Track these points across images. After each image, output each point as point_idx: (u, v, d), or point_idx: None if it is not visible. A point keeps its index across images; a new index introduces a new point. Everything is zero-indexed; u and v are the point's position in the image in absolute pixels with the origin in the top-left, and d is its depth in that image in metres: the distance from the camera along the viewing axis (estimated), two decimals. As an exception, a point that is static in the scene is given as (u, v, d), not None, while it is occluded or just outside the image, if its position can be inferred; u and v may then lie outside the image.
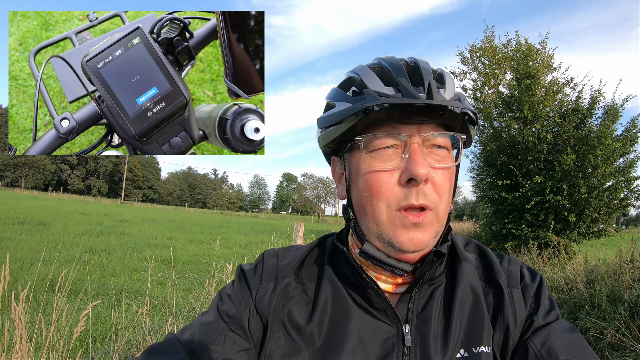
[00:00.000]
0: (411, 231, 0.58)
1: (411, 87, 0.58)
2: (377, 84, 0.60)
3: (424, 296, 0.64)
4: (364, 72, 0.63)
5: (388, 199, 0.59)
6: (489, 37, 10.05)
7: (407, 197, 0.58)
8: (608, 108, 8.32)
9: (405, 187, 0.58)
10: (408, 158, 0.58)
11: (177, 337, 0.64)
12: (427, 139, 0.60)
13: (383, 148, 0.60)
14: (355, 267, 0.63)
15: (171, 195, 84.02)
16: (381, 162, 0.59)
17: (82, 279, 5.05)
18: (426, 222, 0.59)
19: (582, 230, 8.56)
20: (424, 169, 0.56)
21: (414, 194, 0.58)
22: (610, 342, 3.42)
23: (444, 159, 0.61)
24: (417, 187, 0.58)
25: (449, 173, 0.62)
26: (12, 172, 59.68)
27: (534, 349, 0.59)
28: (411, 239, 0.58)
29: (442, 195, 0.60)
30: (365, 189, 0.61)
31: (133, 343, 2.80)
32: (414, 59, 0.64)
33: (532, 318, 0.63)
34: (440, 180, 0.60)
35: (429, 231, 0.60)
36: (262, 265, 0.71)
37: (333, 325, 0.62)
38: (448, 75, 0.64)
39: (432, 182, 0.59)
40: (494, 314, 0.64)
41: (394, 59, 0.64)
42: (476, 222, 15.58)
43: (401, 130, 0.59)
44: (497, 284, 0.66)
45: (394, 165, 0.59)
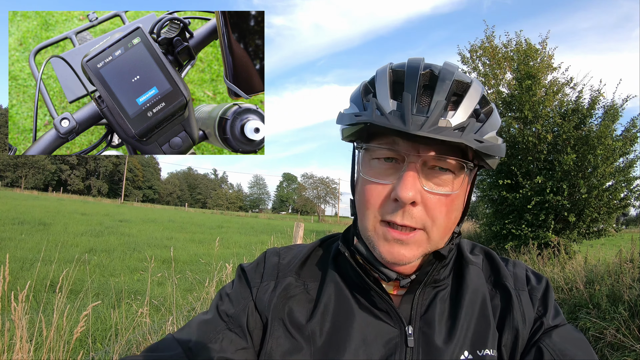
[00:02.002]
0: (393, 245, 0.58)
1: (411, 106, 0.54)
2: (383, 95, 0.58)
3: (427, 298, 0.64)
4: (380, 76, 0.61)
5: (375, 211, 0.59)
6: (490, 36, 10.06)
7: (393, 213, 0.57)
8: (608, 108, 8.33)
9: (394, 203, 0.57)
10: (400, 178, 0.56)
11: (174, 336, 0.63)
12: (430, 160, 0.57)
13: (382, 159, 0.59)
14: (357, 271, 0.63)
15: (171, 195, 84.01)
16: (377, 173, 0.59)
17: (82, 279, 5.05)
18: (413, 241, 0.58)
19: (582, 230, 8.57)
20: (410, 192, 0.54)
21: (400, 213, 0.56)
22: (610, 342, 3.43)
23: (444, 183, 0.58)
24: (404, 208, 0.56)
25: (450, 198, 0.58)
26: (12, 172, 59.69)
27: (548, 349, 0.59)
28: (391, 252, 0.58)
29: (435, 218, 0.57)
30: (360, 194, 0.61)
31: (133, 343, 2.81)
32: (440, 67, 0.59)
33: (542, 320, 0.63)
34: (435, 205, 0.57)
35: (414, 249, 0.58)
36: (263, 263, 0.71)
37: (335, 324, 0.62)
38: (472, 92, 0.58)
39: (424, 205, 0.57)
40: (501, 317, 0.64)
41: (416, 65, 0.59)
42: (476, 222, 15.59)
43: (402, 147, 0.57)
44: (504, 286, 0.66)
45: (388, 181, 0.58)
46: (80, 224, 13.02)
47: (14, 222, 11.55)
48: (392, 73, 0.60)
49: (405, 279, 0.62)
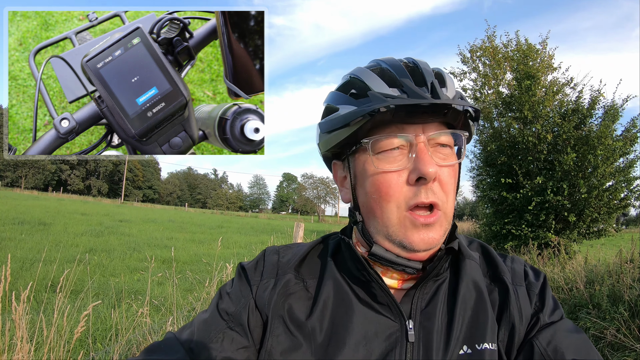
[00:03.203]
0: (422, 231, 0.59)
1: (415, 87, 0.59)
2: (380, 86, 0.61)
3: (428, 292, 0.64)
4: (364, 74, 0.63)
5: (398, 200, 0.59)
6: (490, 36, 10.05)
7: (417, 195, 0.58)
8: (608, 108, 8.33)
9: (414, 186, 0.59)
10: (415, 157, 0.58)
11: (175, 336, 0.63)
12: (432, 138, 0.60)
13: (389, 150, 0.60)
14: (360, 261, 0.63)
15: (171, 195, 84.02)
16: (388, 163, 0.60)
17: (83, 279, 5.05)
18: (436, 222, 0.60)
19: (582, 230, 8.56)
20: (432, 167, 0.57)
21: (424, 192, 0.58)
22: (610, 342, 3.42)
23: (449, 156, 0.62)
24: (426, 186, 0.58)
25: (454, 171, 0.62)
26: (12, 172, 59.71)
27: (539, 347, 0.59)
28: (423, 239, 0.59)
29: (448, 193, 0.61)
30: (374, 191, 0.61)
31: (133, 343, 2.81)
32: (412, 59, 0.64)
33: (538, 316, 0.63)
34: (447, 178, 0.61)
35: (439, 230, 0.60)
36: (263, 261, 0.71)
37: (335, 320, 0.62)
38: (447, 75, 0.65)
39: (439, 180, 0.60)
40: (499, 311, 0.64)
41: (394, 60, 0.64)
42: (476, 222, 15.58)
43: (406, 131, 0.60)
44: (502, 281, 0.66)
45: (402, 166, 0.59)
46: (81, 224, 13.03)
47: (14, 222, 11.55)
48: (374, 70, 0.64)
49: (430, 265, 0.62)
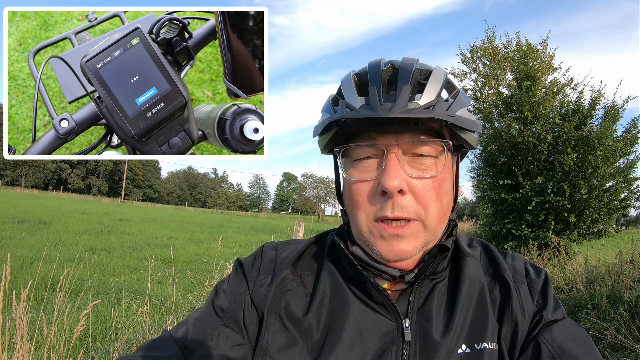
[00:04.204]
0: (391, 242, 0.58)
1: (378, 97, 0.56)
2: (351, 95, 0.59)
3: (424, 291, 0.63)
4: (345, 80, 0.63)
5: (367, 210, 0.59)
6: (490, 37, 10.04)
7: (383, 208, 0.57)
8: (608, 109, 8.32)
9: (382, 197, 0.57)
10: (383, 169, 0.56)
11: (170, 334, 0.63)
12: (409, 147, 0.58)
13: (362, 158, 0.59)
14: (352, 262, 0.62)
15: (171, 194, 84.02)
16: (360, 172, 0.60)
17: (83, 278, 5.06)
18: (410, 233, 0.58)
19: (582, 230, 8.56)
20: (396, 181, 0.55)
21: (389, 206, 0.57)
22: (610, 342, 3.42)
23: (428, 168, 0.59)
24: (392, 199, 0.56)
25: (436, 181, 0.59)
26: (12, 170, 59.74)
27: (546, 344, 0.58)
28: (391, 250, 0.58)
29: (427, 205, 0.58)
30: (348, 197, 0.62)
31: (133, 342, 2.81)
32: (399, 61, 0.61)
33: (541, 313, 0.62)
34: (423, 191, 0.57)
35: (413, 242, 0.58)
36: (260, 257, 0.70)
37: (331, 317, 0.62)
38: (435, 76, 0.59)
39: (413, 193, 0.57)
40: (500, 309, 0.63)
41: (377, 63, 0.61)
42: (476, 222, 15.58)
43: (379, 140, 0.58)
44: (503, 279, 0.65)
45: (372, 176, 0.58)
46: (80, 223, 13.03)
47: (14, 220, 11.55)
48: (356, 77, 0.62)
49: (408, 274, 0.62)
